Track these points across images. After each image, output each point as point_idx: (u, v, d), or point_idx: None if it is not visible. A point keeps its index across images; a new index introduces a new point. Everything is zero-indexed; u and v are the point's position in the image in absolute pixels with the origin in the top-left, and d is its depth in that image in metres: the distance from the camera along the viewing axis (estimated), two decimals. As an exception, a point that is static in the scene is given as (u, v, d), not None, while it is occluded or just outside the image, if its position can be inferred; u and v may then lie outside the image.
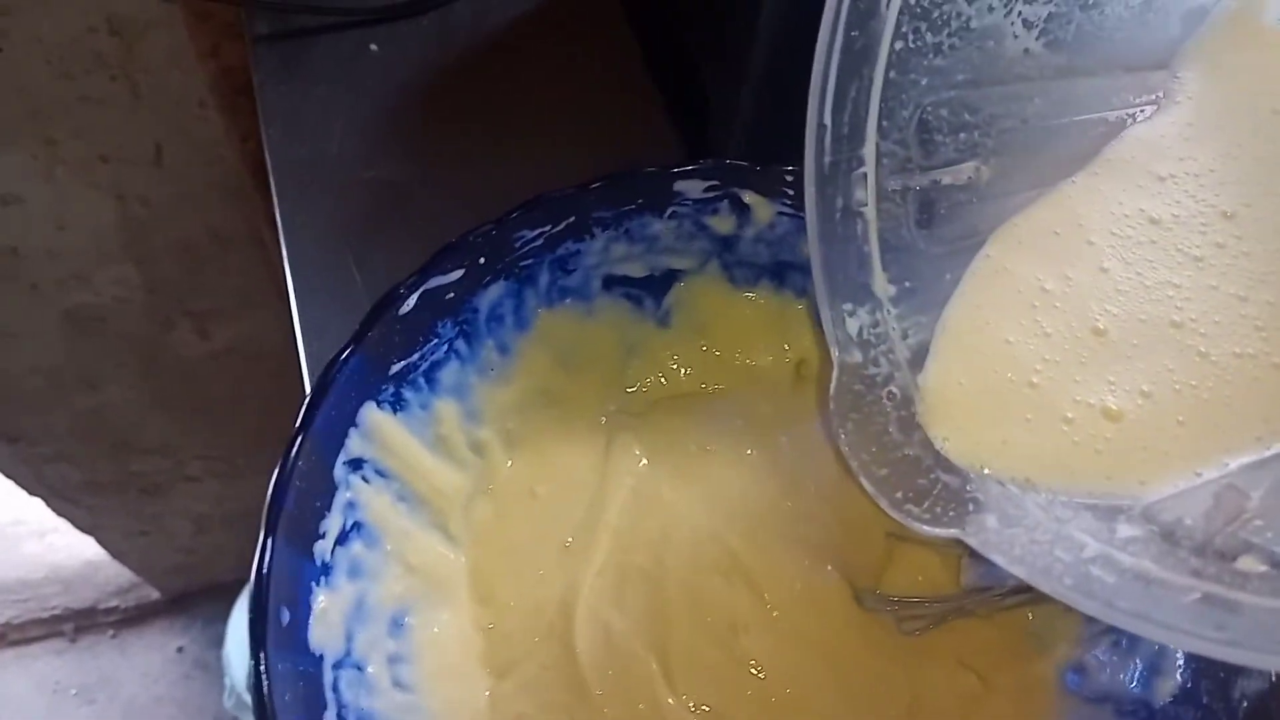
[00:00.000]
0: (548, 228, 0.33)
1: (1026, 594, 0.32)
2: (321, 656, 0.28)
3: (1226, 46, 0.28)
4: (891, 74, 0.27)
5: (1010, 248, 0.29)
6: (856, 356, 0.29)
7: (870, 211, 0.28)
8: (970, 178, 0.29)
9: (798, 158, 0.35)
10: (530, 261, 0.34)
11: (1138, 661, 0.31)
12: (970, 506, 0.26)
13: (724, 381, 0.38)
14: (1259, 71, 0.28)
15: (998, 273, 0.29)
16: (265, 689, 0.24)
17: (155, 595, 1.35)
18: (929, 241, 0.29)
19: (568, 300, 0.36)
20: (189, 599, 1.35)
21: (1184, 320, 0.26)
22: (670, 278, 0.37)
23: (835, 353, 0.29)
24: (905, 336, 0.29)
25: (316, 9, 0.47)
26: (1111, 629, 0.32)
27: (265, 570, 0.26)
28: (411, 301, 0.31)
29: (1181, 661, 0.30)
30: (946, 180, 0.29)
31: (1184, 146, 0.28)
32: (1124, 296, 0.27)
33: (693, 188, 0.35)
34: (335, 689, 0.28)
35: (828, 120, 0.27)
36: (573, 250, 0.35)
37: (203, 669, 1.33)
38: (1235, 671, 0.29)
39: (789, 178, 0.35)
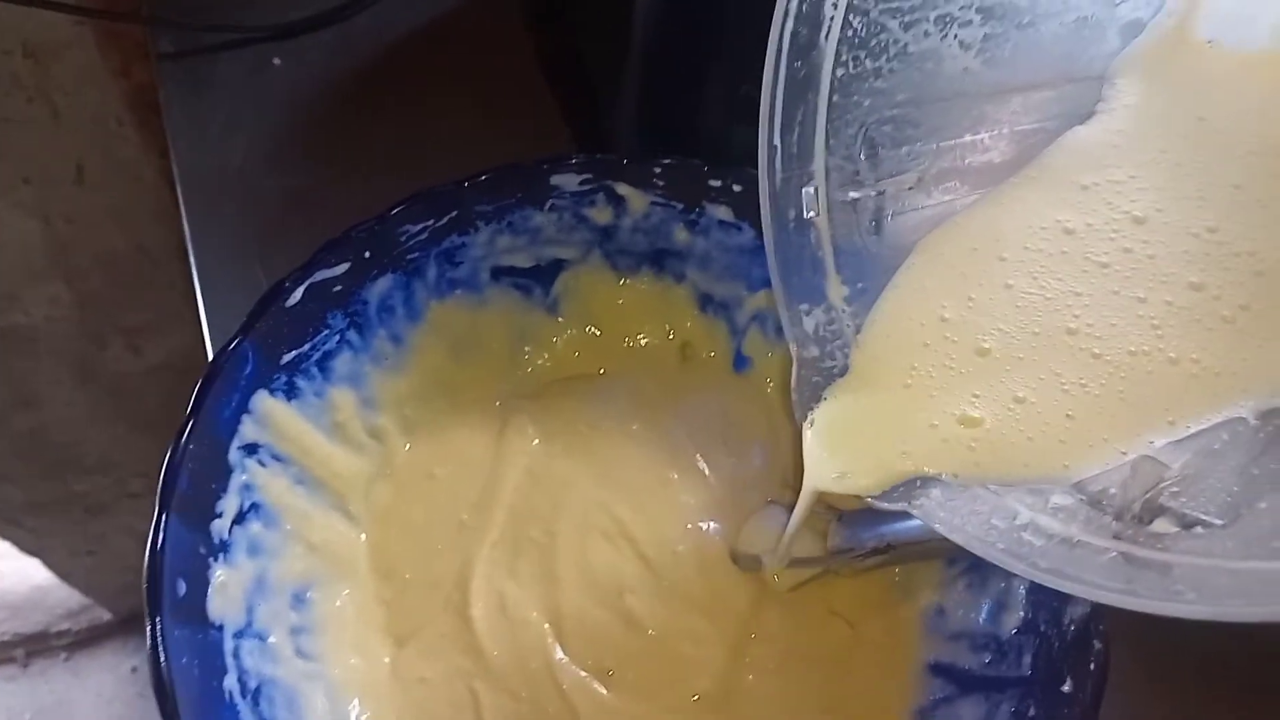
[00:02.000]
0: (430, 221, 0.35)
1: (883, 555, 0.34)
2: (222, 625, 0.30)
3: (1161, 58, 0.29)
4: (835, 98, 0.29)
5: (930, 261, 0.31)
6: (814, 351, 0.31)
7: (822, 221, 0.30)
8: (914, 186, 0.31)
9: (680, 150, 0.38)
10: (417, 255, 0.36)
11: (987, 601, 0.34)
12: (918, 482, 0.28)
13: (612, 363, 0.41)
14: (1189, 82, 0.29)
15: (915, 291, 0.30)
16: (160, 650, 0.26)
17: (107, 616, 1.34)
18: (880, 245, 0.31)
19: (458, 291, 0.38)
20: (140, 618, 1.35)
21: (1079, 327, 0.27)
22: (556, 267, 0.39)
23: (794, 349, 0.31)
24: (859, 331, 0.31)
25: (220, 27, 0.49)
26: (965, 574, 0.35)
27: (160, 545, 0.28)
28: (298, 294, 0.33)
29: (1024, 596, 0.33)
30: (893, 190, 0.31)
31: (1110, 154, 0.29)
32: (1020, 312, 0.28)
33: (568, 181, 0.37)
34: (236, 656, 0.30)
35: (777, 142, 0.29)
36: (458, 243, 0.37)
37: (157, 688, 1.33)
38: (1065, 601, 0.31)
39: (658, 169, 0.37)
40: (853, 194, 0.30)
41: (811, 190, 0.30)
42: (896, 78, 0.29)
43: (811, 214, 0.30)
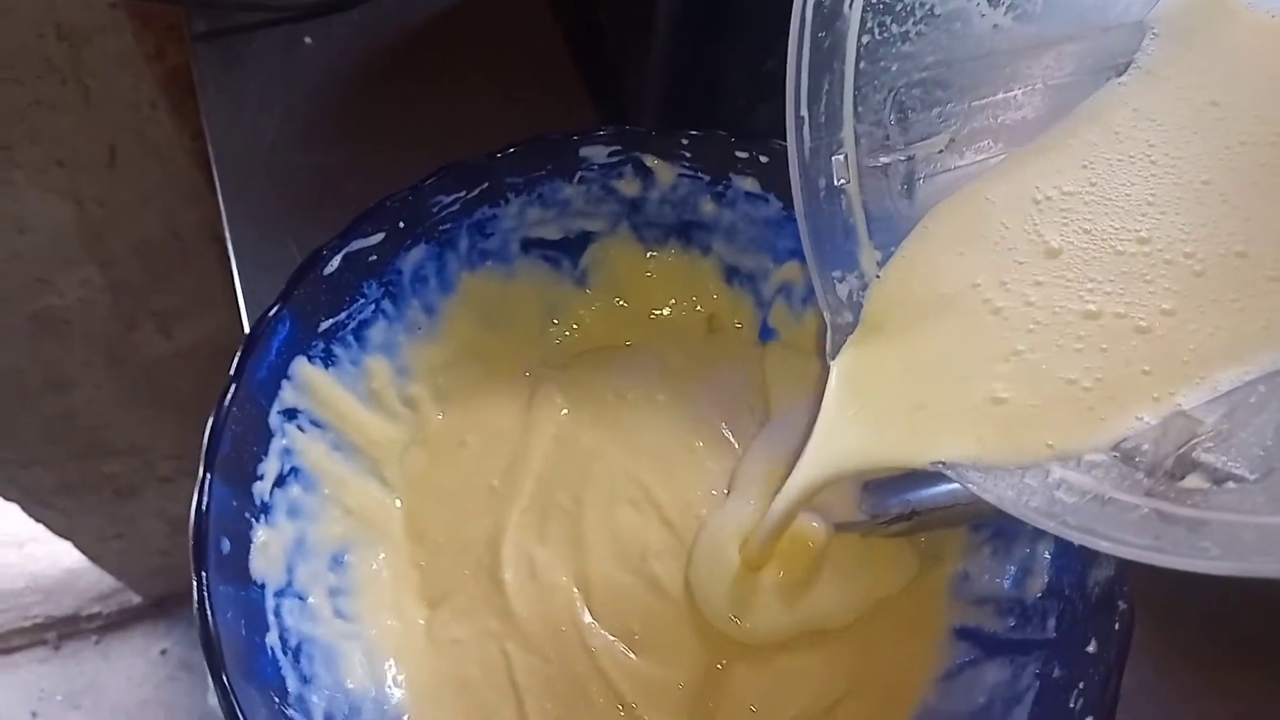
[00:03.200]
0: (463, 193, 0.36)
1: (908, 521, 0.35)
2: (264, 584, 0.31)
3: (1199, 16, 0.29)
4: (862, 65, 0.29)
5: (944, 226, 0.30)
6: (848, 318, 0.30)
7: (852, 188, 0.30)
8: (945, 148, 0.30)
9: (705, 124, 0.38)
10: (449, 226, 0.37)
11: (1011, 566, 0.35)
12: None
13: (639, 335, 0.41)
14: (1219, 54, 0.28)
15: (930, 254, 0.30)
16: (207, 605, 0.27)
17: (137, 599, 1.37)
18: (912, 209, 0.31)
19: (489, 263, 0.39)
20: (170, 601, 1.37)
21: (1108, 291, 0.27)
22: (585, 239, 0.40)
23: (828, 316, 0.31)
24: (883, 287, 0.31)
25: (253, 6, 0.50)
26: (990, 540, 0.36)
27: (204, 504, 0.29)
28: (335, 263, 0.34)
29: (1048, 560, 0.34)
30: (924, 153, 0.30)
31: (1131, 122, 0.29)
32: (1044, 276, 0.28)
33: (597, 153, 0.37)
34: (278, 614, 0.31)
35: (804, 113, 0.29)
36: (489, 215, 0.37)
37: (187, 670, 1.35)
38: (1089, 565, 0.32)
39: (686, 141, 0.38)
40: (883, 159, 0.30)
41: (841, 158, 0.30)
42: (924, 40, 0.29)
43: (842, 181, 0.30)
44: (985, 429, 0.27)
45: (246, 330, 0.43)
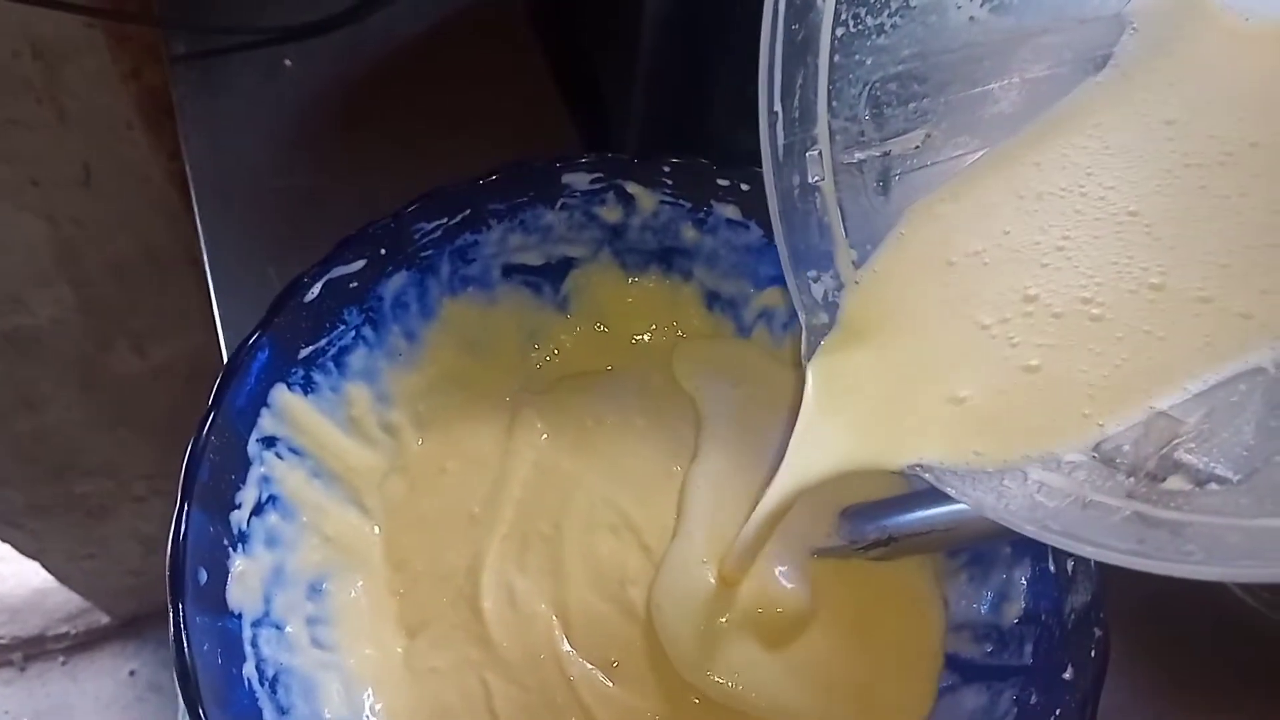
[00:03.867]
0: (445, 220, 0.36)
1: (885, 547, 0.35)
2: (240, 614, 0.31)
3: (1178, 14, 0.28)
4: (836, 58, 0.28)
5: (921, 229, 0.30)
6: (823, 318, 0.30)
7: (827, 185, 0.29)
8: (921, 144, 0.30)
9: (690, 150, 0.38)
10: (431, 252, 0.37)
11: (988, 592, 0.35)
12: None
13: (619, 360, 0.41)
14: (1189, 64, 0.28)
15: (907, 255, 0.30)
16: (183, 636, 0.27)
17: (105, 620, 1.35)
18: (887, 206, 0.30)
19: (470, 289, 0.39)
20: (139, 622, 1.35)
21: (1091, 290, 0.27)
22: (566, 265, 0.40)
23: (803, 317, 0.30)
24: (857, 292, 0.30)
25: (232, 29, 0.49)
26: (966, 566, 0.36)
27: (182, 534, 0.28)
28: (316, 290, 0.34)
29: (1025, 586, 0.34)
30: (900, 149, 0.30)
31: (1099, 123, 0.28)
32: (1017, 276, 0.27)
33: (579, 180, 0.38)
34: (254, 644, 0.31)
35: (778, 108, 0.28)
36: (471, 241, 0.37)
37: (156, 691, 1.33)
38: (1066, 591, 0.32)
39: (667, 169, 0.38)
40: (858, 155, 0.30)
41: (815, 154, 0.29)
42: (900, 33, 0.28)
43: (816, 178, 0.29)
44: (961, 431, 0.26)
45: (224, 354, 0.43)
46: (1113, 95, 0.29)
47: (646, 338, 0.41)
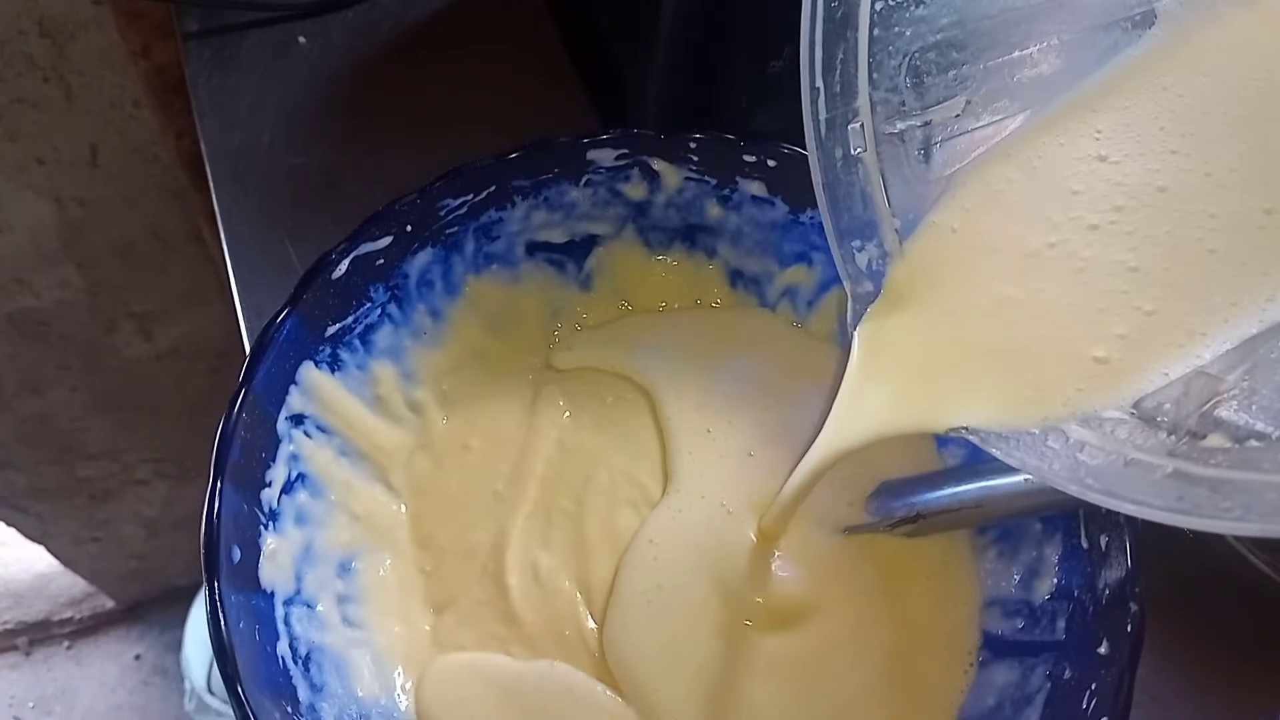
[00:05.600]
0: (470, 196, 0.36)
1: (912, 524, 0.35)
2: (273, 593, 0.31)
3: None
4: (875, 32, 0.29)
5: (968, 189, 0.30)
6: (868, 287, 0.31)
7: (869, 156, 0.30)
8: (962, 111, 0.30)
9: (707, 126, 0.38)
10: (456, 229, 0.36)
11: (1019, 568, 0.35)
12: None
13: (643, 338, 0.41)
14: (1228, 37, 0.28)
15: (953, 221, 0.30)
16: (220, 614, 0.27)
17: (110, 604, 1.35)
18: (929, 173, 0.31)
19: (494, 266, 0.38)
20: (144, 606, 1.35)
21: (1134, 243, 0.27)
22: (590, 243, 0.40)
23: (849, 286, 0.31)
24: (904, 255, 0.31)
25: (245, 5, 0.49)
26: (995, 543, 0.36)
27: (216, 512, 0.28)
28: (343, 267, 0.33)
29: (1056, 563, 0.34)
30: (940, 117, 0.30)
31: (1142, 84, 0.28)
32: (1061, 235, 0.28)
33: (604, 156, 0.37)
34: (287, 622, 0.31)
35: (819, 84, 0.29)
36: (495, 218, 0.37)
37: (161, 675, 1.33)
38: (1099, 566, 0.32)
39: (693, 145, 0.37)
40: (899, 125, 0.30)
41: (858, 126, 0.30)
42: (938, 3, 0.29)
43: (859, 150, 0.30)
44: (1005, 390, 0.27)
45: (243, 333, 0.43)
46: (1167, 51, 0.29)
47: (670, 315, 0.41)
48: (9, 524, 1.07)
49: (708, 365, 0.39)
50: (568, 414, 0.39)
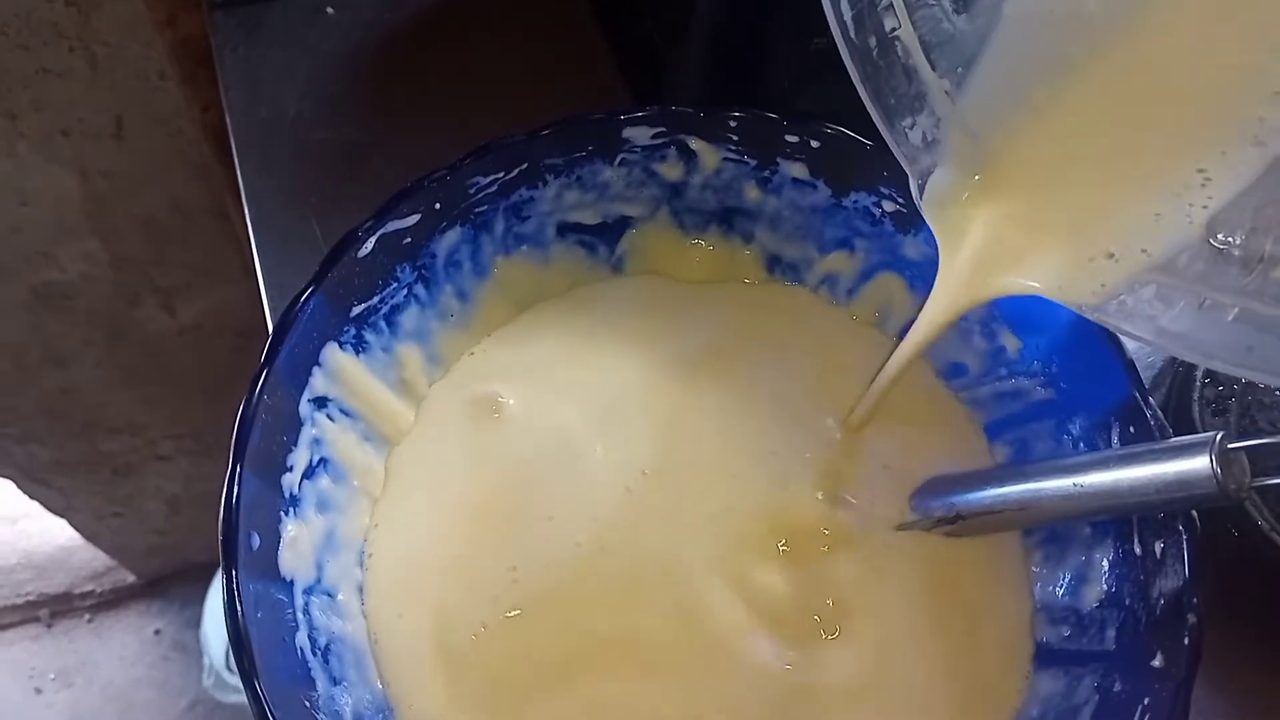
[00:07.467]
0: (501, 174, 0.34)
1: (952, 525, 0.34)
2: (292, 582, 0.29)
3: None
4: None
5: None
6: (926, 160, 0.31)
7: (905, 31, 0.30)
8: None
9: (744, 104, 0.37)
10: (485, 208, 0.35)
11: (1066, 574, 0.33)
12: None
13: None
14: None
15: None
16: (237, 604, 0.26)
17: (131, 579, 1.35)
18: (971, 21, 0.30)
19: (524, 247, 0.37)
20: (165, 581, 1.36)
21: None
22: (622, 225, 0.38)
23: (907, 166, 0.31)
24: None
25: (272, -26, 0.48)
26: (1041, 546, 0.34)
27: (235, 497, 0.27)
28: (370, 245, 0.32)
29: (1106, 569, 0.32)
30: None
31: None
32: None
33: (640, 134, 0.36)
34: (306, 612, 0.30)
35: None
36: (526, 197, 0.36)
37: (181, 650, 1.34)
38: (1153, 574, 0.31)
39: (733, 123, 0.36)
40: None
41: (887, 3, 0.29)
42: None
43: (893, 29, 0.29)
44: (1078, 237, 0.28)
45: (266, 310, 0.41)
46: None
47: (705, 302, 0.40)
48: (31, 497, 1.07)
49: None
50: (597, 402, 0.38)
